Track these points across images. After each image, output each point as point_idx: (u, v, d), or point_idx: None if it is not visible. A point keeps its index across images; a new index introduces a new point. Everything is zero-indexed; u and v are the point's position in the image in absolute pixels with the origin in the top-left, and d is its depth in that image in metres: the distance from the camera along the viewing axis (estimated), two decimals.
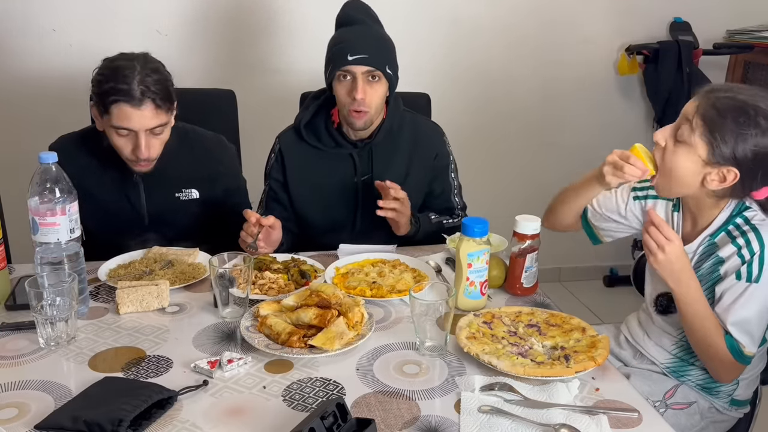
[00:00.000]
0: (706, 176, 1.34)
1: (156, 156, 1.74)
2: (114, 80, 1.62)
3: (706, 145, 1.31)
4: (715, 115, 1.30)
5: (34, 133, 2.76)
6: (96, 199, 1.81)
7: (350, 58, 1.76)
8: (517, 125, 3.33)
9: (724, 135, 1.29)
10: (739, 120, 1.29)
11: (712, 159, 1.31)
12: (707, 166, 1.33)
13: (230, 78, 2.74)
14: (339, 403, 1.05)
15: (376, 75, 1.79)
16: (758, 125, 1.29)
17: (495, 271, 1.61)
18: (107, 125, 1.68)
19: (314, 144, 1.94)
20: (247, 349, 1.33)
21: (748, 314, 1.34)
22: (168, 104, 1.69)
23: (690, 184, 1.37)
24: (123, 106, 1.62)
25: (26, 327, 1.38)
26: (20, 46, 2.75)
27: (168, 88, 1.69)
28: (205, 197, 1.90)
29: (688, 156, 1.34)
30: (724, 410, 1.48)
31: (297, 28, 2.93)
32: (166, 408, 1.14)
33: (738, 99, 1.31)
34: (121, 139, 1.69)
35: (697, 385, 1.48)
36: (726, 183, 1.33)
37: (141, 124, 1.65)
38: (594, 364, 1.25)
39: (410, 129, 1.98)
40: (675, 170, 1.37)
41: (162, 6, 2.80)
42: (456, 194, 2.05)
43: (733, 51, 3.25)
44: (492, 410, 1.14)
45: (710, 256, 1.41)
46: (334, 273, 1.66)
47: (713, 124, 1.30)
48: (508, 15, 3.14)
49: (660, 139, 1.39)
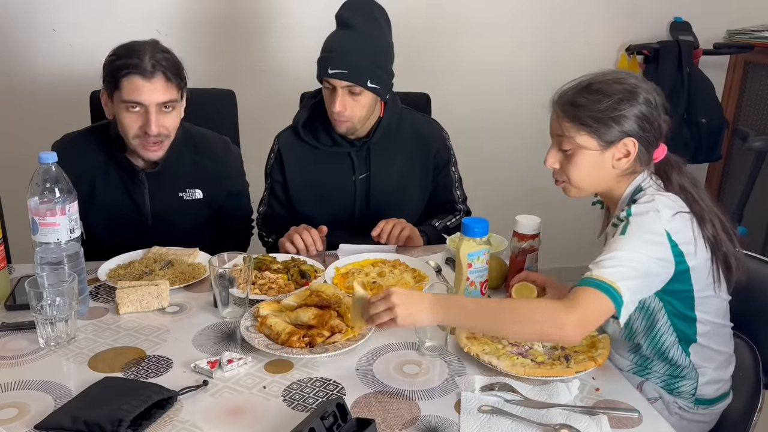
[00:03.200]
0: (613, 160, 1.37)
1: (166, 136, 1.73)
2: (126, 56, 1.65)
3: (590, 135, 1.35)
4: (575, 109, 1.35)
5: (34, 133, 2.76)
6: (100, 197, 1.82)
7: (330, 72, 1.77)
8: (517, 125, 3.33)
9: (595, 117, 1.33)
10: (596, 98, 1.33)
11: (603, 141, 1.35)
12: (605, 151, 1.36)
13: (230, 78, 2.74)
14: (339, 403, 1.05)
15: (357, 89, 1.79)
16: (612, 92, 1.33)
17: (495, 271, 1.61)
18: (118, 103, 1.69)
19: (312, 143, 1.95)
20: (247, 349, 1.33)
21: (600, 258, 1.29)
22: (178, 80, 1.71)
23: (601, 177, 1.40)
24: (134, 78, 1.64)
25: (26, 327, 1.38)
26: (20, 46, 2.75)
27: (178, 67, 1.72)
28: (209, 198, 1.90)
29: (584, 157, 1.37)
30: (690, 409, 1.46)
31: (297, 29, 2.93)
32: (166, 408, 1.14)
33: (580, 86, 1.37)
34: (130, 115, 1.68)
35: (660, 381, 1.46)
36: (632, 153, 1.35)
37: (151, 97, 1.66)
38: (594, 364, 1.25)
39: (409, 127, 1.99)
40: (585, 176, 1.40)
41: (162, 6, 2.80)
42: (457, 187, 2.07)
43: (733, 51, 3.25)
44: (492, 410, 1.14)
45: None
46: (334, 273, 1.66)
47: (578, 117, 1.35)
48: (508, 15, 3.14)
49: (552, 163, 1.43)
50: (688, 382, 1.45)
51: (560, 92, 1.41)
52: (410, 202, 2.02)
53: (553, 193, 1.78)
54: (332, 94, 1.81)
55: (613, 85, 1.35)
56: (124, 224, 1.84)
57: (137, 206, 1.84)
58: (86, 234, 1.92)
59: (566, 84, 1.41)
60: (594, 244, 1.65)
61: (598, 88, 1.35)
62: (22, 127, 2.80)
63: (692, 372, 1.44)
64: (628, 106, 1.33)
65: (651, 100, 1.35)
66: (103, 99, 1.75)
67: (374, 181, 1.96)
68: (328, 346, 1.31)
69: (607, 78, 1.37)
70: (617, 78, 1.37)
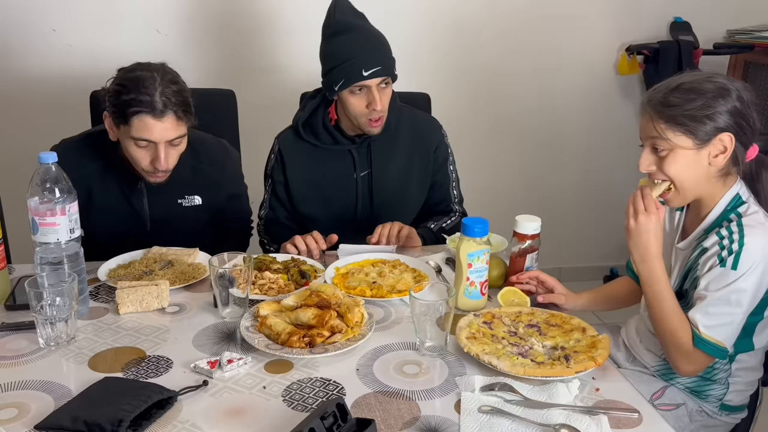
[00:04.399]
0: (710, 158, 1.35)
1: (173, 167, 1.72)
2: (135, 91, 1.60)
3: (686, 135, 1.33)
4: (669, 109, 1.33)
5: (34, 133, 2.77)
6: (99, 204, 1.80)
7: (365, 74, 1.77)
8: (517, 125, 3.33)
9: (691, 115, 1.32)
10: (690, 97, 1.32)
11: (699, 139, 1.33)
12: (702, 149, 1.34)
13: (230, 78, 2.74)
14: (339, 403, 1.04)
15: (386, 81, 1.82)
16: (706, 90, 1.32)
17: (495, 271, 1.61)
18: (125, 136, 1.66)
19: (313, 142, 1.95)
20: (247, 349, 1.33)
21: (713, 296, 1.32)
22: (188, 115, 1.68)
23: (701, 177, 1.37)
24: (145, 118, 1.60)
25: (26, 327, 1.38)
26: (20, 46, 2.75)
27: (187, 99, 1.67)
28: (208, 204, 1.90)
29: (681, 157, 1.35)
30: (714, 415, 1.48)
31: (297, 28, 2.93)
32: (166, 408, 1.14)
33: (673, 86, 1.35)
34: (140, 150, 1.67)
35: (686, 387, 1.48)
36: (729, 149, 1.34)
37: (162, 135, 1.63)
38: (594, 364, 1.25)
39: (408, 124, 2.00)
40: (683, 178, 1.37)
41: (162, 6, 2.80)
42: (454, 186, 2.07)
43: (733, 51, 3.25)
44: (492, 410, 1.14)
45: (698, 247, 1.41)
46: (334, 273, 1.66)
47: (672, 117, 1.33)
48: (508, 15, 3.14)
49: (646, 167, 1.40)
50: (718, 387, 1.45)
51: (650, 94, 1.39)
52: (411, 198, 2.02)
53: (553, 193, 1.78)
54: (368, 95, 1.80)
55: (705, 83, 1.34)
56: (123, 230, 1.83)
57: (136, 212, 1.84)
58: (86, 239, 1.92)
59: (656, 86, 1.39)
60: (594, 244, 1.66)
61: (690, 87, 1.34)
62: (22, 127, 2.80)
63: (726, 378, 1.45)
64: (722, 102, 1.32)
65: (743, 97, 1.34)
66: (107, 123, 1.71)
67: (376, 178, 1.96)
68: (328, 346, 1.31)
69: (698, 77, 1.36)
70: (708, 77, 1.36)
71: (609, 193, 3.35)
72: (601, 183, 3.41)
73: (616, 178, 3.31)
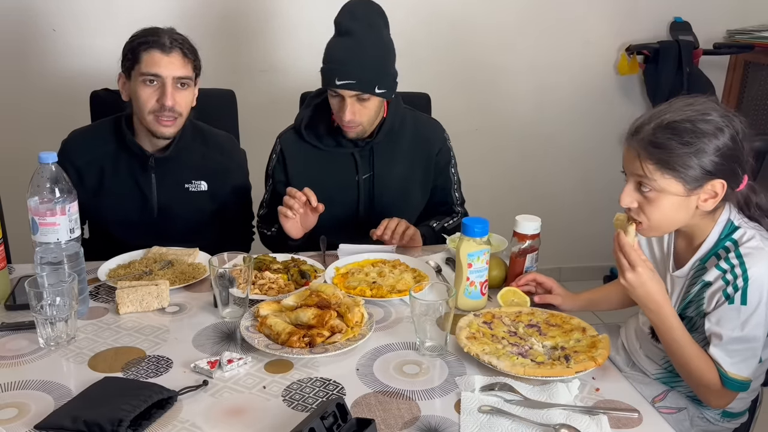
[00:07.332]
0: (698, 201, 1.30)
1: (179, 113, 1.79)
2: (145, 35, 1.77)
3: (676, 180, 1.27)
4: (659, 151, 1.26)
5: (34, 133, 2.77)
6: (109, 187, 1.86)
7: (338, 83, 1.76)
8: (517, 125, 3.33)
9: (683, 162, 1.25)
10: (684, 140, 1.25)
11: (691, 186, 1.28)
12: (691, 194, 1.29)
13: (230, 78, 2.73)
14: (339, 403, 1.04)
15: (365, 96, 1.79)
16: (701, 133, 1.25)
17: (495, 271, 1.61)
18: (136, 78, 1.76)
19: (315, 144, 1.95)
20: (247, 349, 1.33)
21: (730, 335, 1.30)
22: (194, 59, 1.81)
23: (683, 218, 1.34)
24: (153, 52, 1.75)
25: (26, 327, 1.38)
26: (20, 46, 2.75)
27: (194, 47, 1.82)
28: (213, 191, 1.93)
29: (667, 200, 1.29)
30: (716, 421, 1.47)
31: (297, 28, 2.93)
32: (166, 408, 1.14)
33: (665, 124, 1.27)
34: (148, 89, 1.76)
35: (688, 395, 1.47)
36: (719, 195, 1.29)
37: (169, 70, 1.75)
38: (594, 364, 1.25)
39: (411, 126, 1.99)
40: (664, 219, 1.32)
41: (162, 6, 2.80)
42: (456, 189, 2.07)
43: (733, 51, 3.25)
44: (492, 410, 1.14)
45: (698, 279, 1.37)
46: (334, 273, 1.66)
47: (663, 160, 1.26)
48: (508, 15, 3.14)
49: (629, 203, 1.34)
50: None
51: (636, 127, 1.31)
52: (413, 201, 2.02)
53: (553, 193, 1.78)
54: (340, 103, 1.81)
55: (699, 123, 1.26)
56: (130, 215, 1.88)
57: (144, 196, 1.88)
58: (91, 227, 1.95)
59: (643, 116, 1.33)
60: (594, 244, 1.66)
61: (685, 127, 1.26)
62: (23, 127, 2.80)
63: None
64: (716, 145, 1.25)
65: (737, 137, 1.27)
66: (120, 82, 1.84)
67: (378, 181, 1.96)
68: (328, 346, 1.31)
69: (691, 115, 1.27)
70: (702, 113, 1.27)
71: (609, 193, 3.32)
72: (601, 183, 3.40)
73: (616, 178, 3.30)
